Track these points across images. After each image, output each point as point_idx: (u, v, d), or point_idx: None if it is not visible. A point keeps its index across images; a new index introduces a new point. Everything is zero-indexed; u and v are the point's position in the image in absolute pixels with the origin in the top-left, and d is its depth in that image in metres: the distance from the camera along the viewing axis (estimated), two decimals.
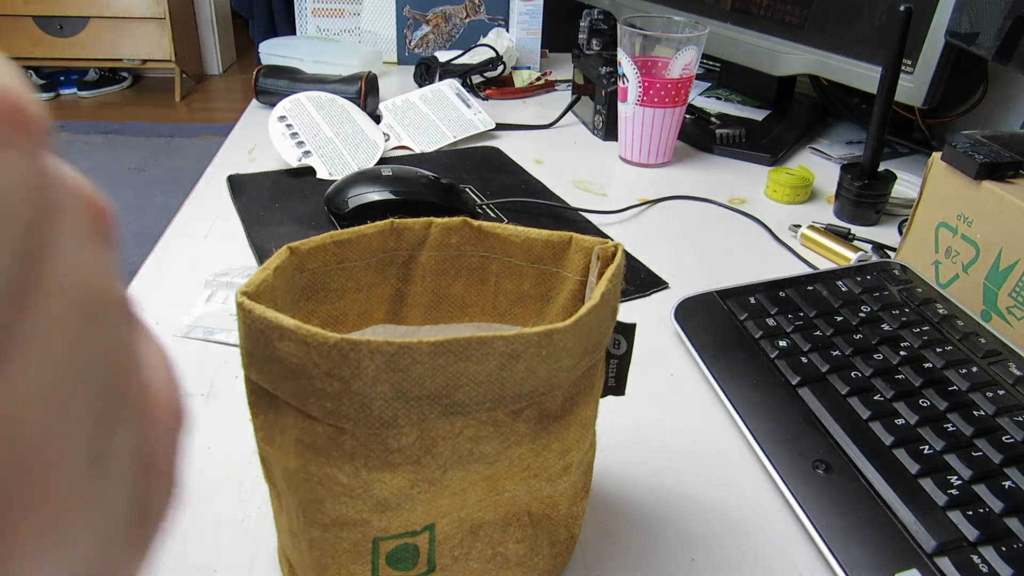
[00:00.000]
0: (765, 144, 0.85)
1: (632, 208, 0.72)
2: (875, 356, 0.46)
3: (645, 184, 0.78)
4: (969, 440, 0.40)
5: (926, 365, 0.45)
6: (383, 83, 0.98)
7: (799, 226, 0.68)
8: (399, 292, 0.35)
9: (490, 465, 0.28)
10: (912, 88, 0.71)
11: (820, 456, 0.40)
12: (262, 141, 0.82)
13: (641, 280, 0.60)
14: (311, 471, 0.27)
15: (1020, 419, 0.41)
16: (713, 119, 0.89)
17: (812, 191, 0.76)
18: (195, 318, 0.53)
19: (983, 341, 0.47)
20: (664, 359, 0.51)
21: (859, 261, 0.61)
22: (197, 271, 0.58)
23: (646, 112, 0.78)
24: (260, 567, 0.35)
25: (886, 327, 0.49)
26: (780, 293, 0.53)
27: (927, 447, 0.40)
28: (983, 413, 0.42)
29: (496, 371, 0.26)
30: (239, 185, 0.73)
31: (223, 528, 0.37)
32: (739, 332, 0.50)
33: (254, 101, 0.95)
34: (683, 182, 0.79)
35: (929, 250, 0.57)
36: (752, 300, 0.52)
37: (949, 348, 0.46)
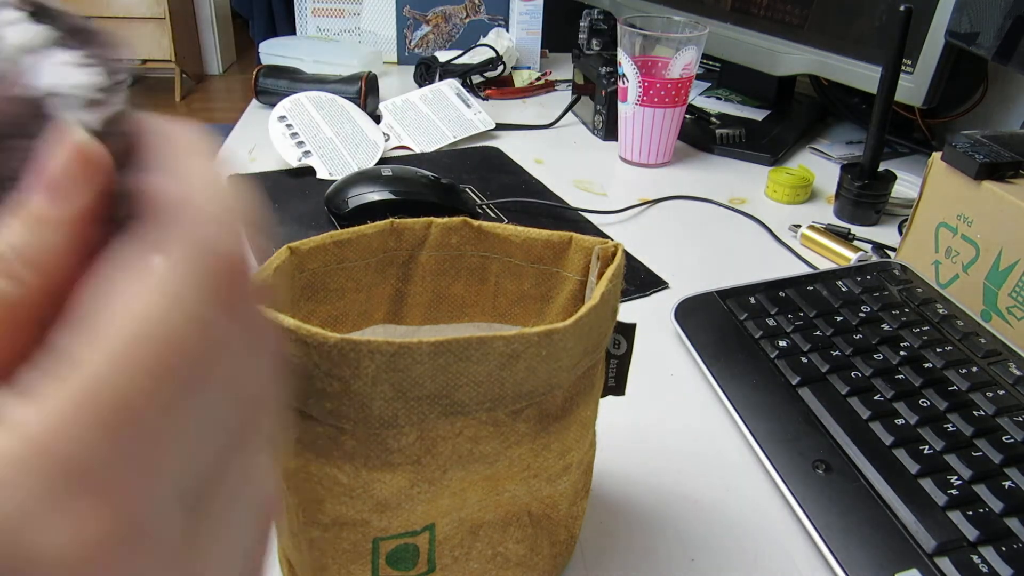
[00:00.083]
0: (765, 144, 0.85)
1: (632, 208, 0.72)
2: (875, 356, 0.46)
3: (645, 184, 0.78)
4: (969, 440, 0.40)
5: (926, 365, 0.45)
6: (383, 83, 0.98)
7: (799, 226, 0.68)
8: (399, 292, 0.35)
9: (490, 465, 0.28)
10: (912, 88, 0.71)
11: (820, 456, 0.40)
12: (262, 141, 0.82)
13: (641, 280, 0.60)
14: (311, 471, 0.27)
15: (1020, 419, 0.41)
16: (713, 119, 0.89)
17: (812, 191, 0.76)
18: None
19: (983, 341, 0.47)
20: (664, 359, 0.51)
21: (859, 261, 0.61)
22: None
23: (646, 112, 0.78)
24: None
25: (886, 327, 0.49)
26: (780, 293, 0.53)
27: (927, 447, 0.40)
28: (983, 413, 0.42)
29: (496, 371, 0.26)
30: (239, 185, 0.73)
31: None
32: (739, 332, 0.50)
33: (254, 101, 0.95)
34: (683, 182, 0.79)
35: (929, 250, 0.57)
36: (752, 300, 0.52)
37: (949, 348, 0.46)
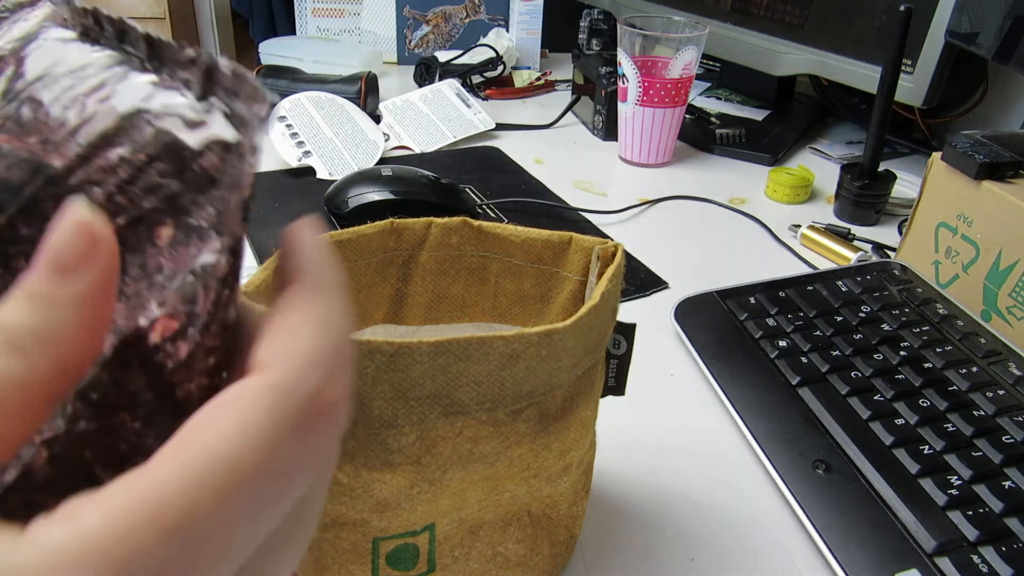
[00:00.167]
0: (765, 144, 0.85)
1: (632, 208, 0.72)
2: (875, 356, 0.46)
3: (645, 184, 0.78)
4: (969, 440, 0.40)
5: (926, 365, 0.45)
6: (383, 83, 0.98)
7: (799, 226, 0.68)
8: (399, 292, 0.35)
9: (490, 465, 0.28)
10: (912, 88, 0.71)
11: (820, 456, 0.40)
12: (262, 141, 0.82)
13: (641, 280, 0.60)
14: None
15: (1020, 419, 0.41)
16: (713, 119, 0.89)
17: (812, 191, 0.76)
18: None
19: (983, 341, 0.47)
20: (664, 359, 0.51)
21: (859, 261, 0.61)
22: None
23: (646, 112, 0.78)
24: None
25: (886, 327, 0.49)
26: (780, 293, 0.53)
27: (927, 447, 0.40)
28: (983, 413, 0.42)
29: (496, 371, 0.26)
30: None
31: None
32: (739, 332, 0.50)
33: None
34: (683, 182, 0.79)
35: (929, 250, 0.57)
36: (752, 300, 0.52)
37: (949, 348, 0.46)
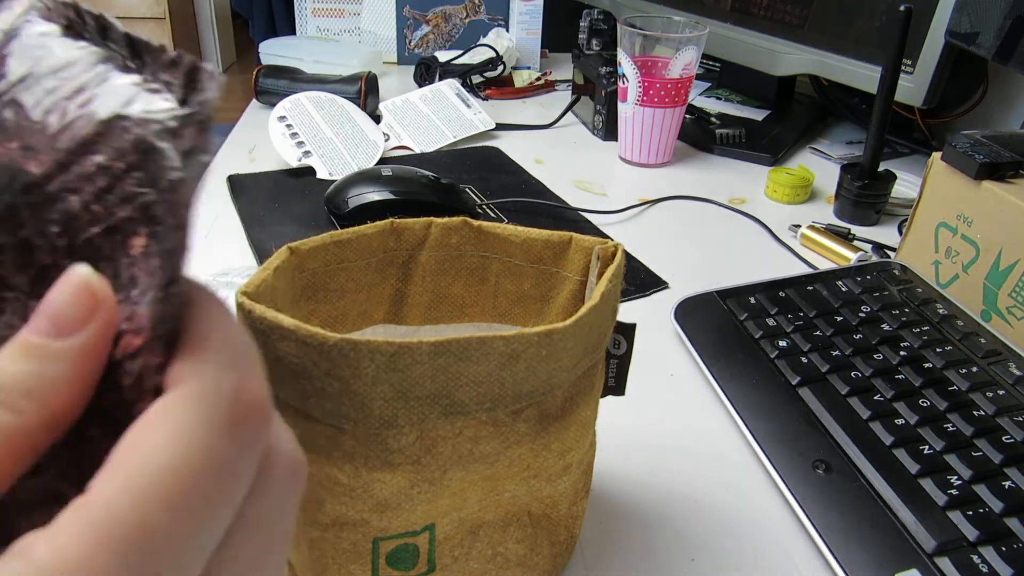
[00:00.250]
0: (765, 144, 0.85)
1: (632, 208, 0.72)
2: (875, 356, 0.46)
3: (645, 184, 0.78)
4: (969, 440, 0.40)
5: (926, 365, 0.45)
6: (383, 83, 0.98)
7: (799, 226, 0.68)
8: (399, 292, 0.35)
9: (490, 465, 0.28)
10: (912, 88, 0.71)
11: (820, 456, 0.40)
12: (262, 141, 0.82)
13: (641, 280, 0.60)
14: (311, 471, 0.27)
15: (1020, 419, 0.41)
16: (713, 119, 0.89)
17: (812, 191, 0.76)
18: None
19: (983, 341, 0.47)
20: (664, 359, 0.51)
21: (859, 261, 0.61)
22: (197, 271, 0.58)
23: (646, 112, 0.78)
24: None
25: (886, 327, 0.49)
26: (780, 293, 0.53)
27: (927, 447, 0.40)
28: (983, 413, 0.42)
29: (496, 371, 0.26)
30: (239, 185, 0.73)
31: None
32: (739, 332, 0.50)
33: (254, 101, 0.95)
34: (683, 182, 0.79)
35: (929, 250, 0.57)
36: (752, 300, 0.52)
37: (949, 348, 0.46)
